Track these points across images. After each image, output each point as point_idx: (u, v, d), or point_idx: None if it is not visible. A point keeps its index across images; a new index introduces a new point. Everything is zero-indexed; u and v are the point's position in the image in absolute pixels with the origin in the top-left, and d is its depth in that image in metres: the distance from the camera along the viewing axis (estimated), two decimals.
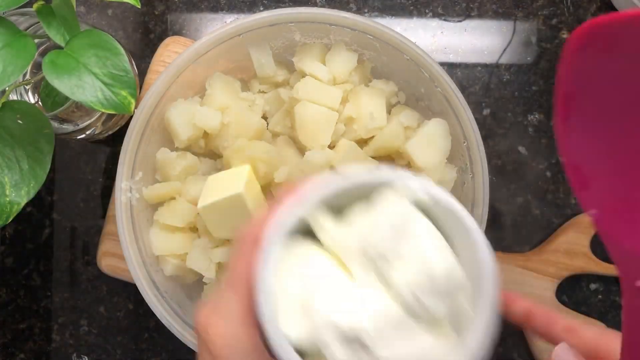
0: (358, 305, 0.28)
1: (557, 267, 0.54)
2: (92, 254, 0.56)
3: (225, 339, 0.29)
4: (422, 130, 0.46)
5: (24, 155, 0.40)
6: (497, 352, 0.56)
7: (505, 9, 0.58)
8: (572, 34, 0.21)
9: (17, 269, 0.56)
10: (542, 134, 0.57)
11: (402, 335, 0.28)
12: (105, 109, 0.38)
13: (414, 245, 0.28)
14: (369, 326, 0.27)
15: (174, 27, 0.58)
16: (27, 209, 0.56)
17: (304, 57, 0.47)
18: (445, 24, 0.58)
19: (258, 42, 0.47)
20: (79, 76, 0.38)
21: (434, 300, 0.28)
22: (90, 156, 0.57)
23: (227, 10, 0.58)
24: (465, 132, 0.45)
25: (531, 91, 0.57)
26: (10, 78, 0.37)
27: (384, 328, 0.27)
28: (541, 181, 0.56)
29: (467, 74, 0.57)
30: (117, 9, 0.58)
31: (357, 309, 0.27)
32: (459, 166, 0.46)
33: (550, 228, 0.56)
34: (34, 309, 0.56)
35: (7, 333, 0.56)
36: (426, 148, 0.46)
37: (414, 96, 0.48)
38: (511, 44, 0.58)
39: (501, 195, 0.56)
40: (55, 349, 0.56)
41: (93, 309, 0.56)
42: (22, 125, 0.39)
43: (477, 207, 0.44)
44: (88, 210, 0.56)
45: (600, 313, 0.55)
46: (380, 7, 0.58)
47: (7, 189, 0.39)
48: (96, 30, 0.40)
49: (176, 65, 0.44)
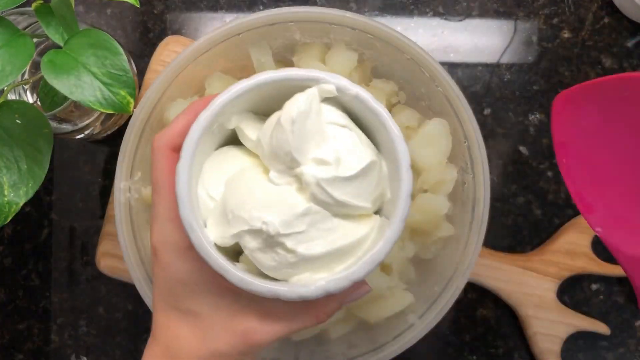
0: (267, 202, 0.29)
1: (559, 268, 0.54)
2: (91, 254, 0.56)
3: (159, 238, 0.32)
4: (422, 130, 0.46)
5: (23, 155, 0.40)
6: (498, 352, 0.55)
7: (506, 8, 0.58)
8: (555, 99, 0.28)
9: (16, 269, 0.56)
10: (543, 133, 0.56)
11: (317, 227, 0.29)
12: (104, 109, 0.38)
13: (319, 139, 0.30)
14: (276, 220, 0.28)
15: (173, 27, 0.58)
16: (25, 209, 0.56)
17: (304, 57, 0.47)
18: (446, 23, 0.58)
19: (258, 41, 0.47)
20: (78, 76, 0.38)
21: (341, 190, 0.29)
22: (89, 156, 0.57)
23: (226, 9, 0.58)
24: (466, 131, 0.44)
25: (532, 91, 0.57)
26: (8, 77, 0.37)
27: (294, 222, 0.29)
28: (542, 181, 0.56)
29: (468, 73, 0.57)
30: (116, 8, 0.58)
31: (267, 205, 0.29)
32: (459, 166, 0.46)
33: (552, 228, 0.56)
34: (33, 310, 0.56)
35: (5, 334, 0.56)
36: (427, 148, 0.46)
37: (414, 96, 0.48)
38: (512, 43, 0.57)
39: (502, 195, 0.56)
40: (54, 350, 0.56)
41: (92, 309, 0.56)
42: (20, 125, 0.39)
43: (478, 207, 0.44)
44: (87, 210, 0.56)
45: (601, 314, 0.55)
46: (380, 6, 0.58)
47: (5, 189, 0.39)
48: (95, 30, 0.39)
49: (175, 64, 0.44)
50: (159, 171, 0.32)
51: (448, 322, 0.55)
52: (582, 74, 0.57)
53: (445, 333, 0.56)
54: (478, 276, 0.54)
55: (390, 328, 0.44)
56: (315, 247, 0.29)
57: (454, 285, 0.43)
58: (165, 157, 0.32)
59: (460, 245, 0.44)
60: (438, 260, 0.47)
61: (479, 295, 0.55)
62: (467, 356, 0.56)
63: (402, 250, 0.46)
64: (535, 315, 0.53)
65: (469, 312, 0.56)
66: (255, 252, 0.29)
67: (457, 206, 0.46)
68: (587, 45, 0.57)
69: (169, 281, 0.32)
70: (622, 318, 0.55)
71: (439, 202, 0.45)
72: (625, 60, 0.57)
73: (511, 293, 0.54)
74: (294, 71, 0.31)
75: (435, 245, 0.47)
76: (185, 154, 0.30)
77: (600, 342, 0.55)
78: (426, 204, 0.45)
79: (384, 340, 0.44)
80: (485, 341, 0.56)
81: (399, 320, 0.45)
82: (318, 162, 0.29)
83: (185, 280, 0.31)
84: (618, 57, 0.57)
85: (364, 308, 0.45)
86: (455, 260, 0.44)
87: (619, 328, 0.55)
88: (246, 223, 0.29)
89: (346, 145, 0.30)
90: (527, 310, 0.53)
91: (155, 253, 0.32)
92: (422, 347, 0.55)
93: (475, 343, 0.56)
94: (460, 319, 0.56)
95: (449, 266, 0.45)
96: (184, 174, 0.30)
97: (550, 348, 0.53)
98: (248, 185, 0.30)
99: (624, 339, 0.55)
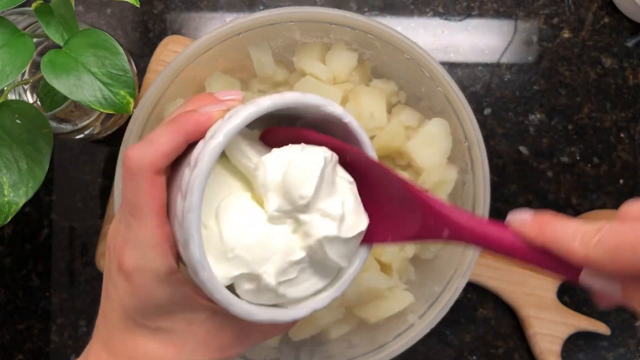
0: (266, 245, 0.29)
1: None
2: (90, 255, 0.56)
3: (136, 264, 0.30)
4: (422, 130, 0.46)
5: (23, 155, 0.39)
6: (498, 352, 0.55)
7: (506, 8, 0.58)
8: None
9: (16, 269, 0.56)
10: (543, 133, 0.56)
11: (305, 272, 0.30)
12: (104, 109, 0.38)
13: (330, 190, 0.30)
14: (272, 270, 0.29)
15: (173, 26, 0.57)
16: (25, 209, 0.56)
17: (304, 57, 0.47)
18: (446, 23, 0.58)
19: (258, 41, 0.47)
20: (78, 76, 0.38)
21: (334, 250, 0.30)
22: (89, 156, 0.57)
23: (226, 9, 0.58)
24: (466, 131, 0.44)
25: (532, 91, 0.57)
26: (8, 77, 0.37)
27: (288, 270, 0.29)
28: (542, 181, 0.56)
29: (468, 73, 0.57)
30: (116, 8, 0.58)
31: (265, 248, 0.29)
32: (459, 166, 0.46)
33: None
34: (33, 310, 0.56)
35: (5, 334, 0.56)
36: (427, 148, 0.46)
37: (414, 96, 0.48)
38: (512, 43, 0.57)
39: (502, 195, 0.56)
40: (54, 350, 0.56)
41: (92, 309, 0.56)
42: (20, 125, 0.39)
43: (478, 207, 0.44)
44: (87, 210, 0.56)
45: (601, 314, 0.55)
46: (380, 6, 0.58)
47: (5, 189, 0.39)
48: (95, 30, 0.39)
49: (175, 64, 0.44)
50: (140, 195, 0.29)
51: (448, 322, 0.55)
52: (582, 73, 0.57)
53: (445, 333, 0.56)
54: (478, 276, 0.54)
55: (390, 328, 0.44)
56: (303, 290, 0.31)
57: (454, 285, 0.43)
58: (148, 181, 0.29)
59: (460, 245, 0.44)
60: (438, 260, 0.47)
61: (479, 295, 0.55)
62: (467, 356, 0.56)
63: (402, 250, 0.46)
64: (536, 316, 0.53)
65: (469, 312, 0.56)
66: (247, 293, 0.30)
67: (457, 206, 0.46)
68: (587, 45, 0.57)
69: (143, 305, 0.30)
70: (622, 318, 0.55)
71: None
72: (625, 60, 0.57)
73: (511, 293, 0.54)
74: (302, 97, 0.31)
75: (435, 245, 0.47)
76: (196, 191, 0.28)
77: (600, 342, 0.55)
78: None
79: (384, 340, 0.44)
80: (485, 341, 0.56)
81: (399, 320, 0.45)
82: (323, 214, 0.29)
83: (162, 304, 0.30)
84: (618, 57, 0.57)
85: (364, 308, 0.45)
86: (455, 260, 0.44)
87: (619, 328, 0.55)
88: (247, 266, 0.29)
89: (350, 204, 0.30)
90: (527, 310, 0.53)
91: (129, 279, 0.30)
92: (422, 347, 0.55)
93: (475, 343, 0.56)
94: (460, 319, 0.56)
95: (449, 266, 0.45)
96: (196, 212, 0.28)
97: (550, 348, 0.53)
98: (244, 221, 0.30)
99: (624, 339, 0.55)
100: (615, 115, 0.57)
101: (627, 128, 0.57)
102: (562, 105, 0.57)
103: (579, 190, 0.57)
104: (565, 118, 0.57)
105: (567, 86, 0.57)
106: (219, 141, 0.29)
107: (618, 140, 0.57)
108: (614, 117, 0.57)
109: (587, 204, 0.56)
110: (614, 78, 0.57)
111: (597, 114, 0.57)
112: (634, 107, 0.57)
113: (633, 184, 0.57)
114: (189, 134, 0.30)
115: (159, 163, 0.29)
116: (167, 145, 0.29)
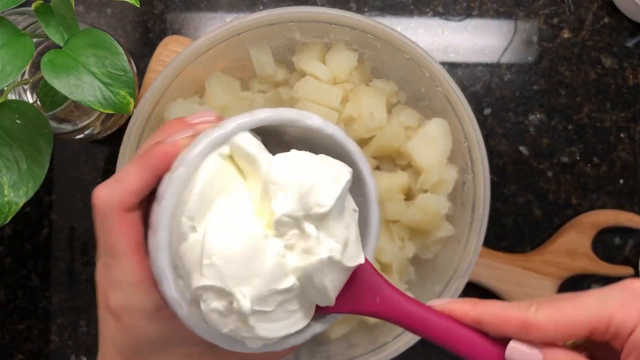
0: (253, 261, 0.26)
1: (559, 268, 0.54)
2: (90, 255, 0.56)
3: (123, 305, 0.29)
4: (422, 130, 0.46)
5: (23, 155, 0.39)
6: None
7: (506, 8, 0.58)
8: None
9: (16, 269, 0.56)
10: (543, 133, 0.56)
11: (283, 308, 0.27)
12: (104, 109, 0.38)
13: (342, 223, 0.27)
14: (249, 294, 0.25)
15: (173, 27, 0.57)
16: (25, 209, 0.56)
17: (304, 57, 0.47)
18: (446, 23, 0.58)
19: (258, 41, 0.47)
20: (78, 76, 0.38)
21: (329, 278, 0.27)
22: (89, 156, 0.57)
23: (226, 9, 0.58)
24: (466, 131, 0.44)
25: (532, 91, 0.57)
26: (8, 77, 0.37)
27: (268, 299, 0.26)
28: (542, 181, 0.56)
29: (468, 73, 0.57)
30: (116, 8, 0.58)
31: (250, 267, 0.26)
32: (459, 166, 0.46)
33: (552, 228, 0.56)
34: (33, 310, 0.56)
35: (5, 334, 0.56)
36: (427, 148, 0.46)
37: (414, 96, 0.48)
38: (512, 43, 0.57)
39: (502, 195, 0.56)
40: (54, 350, 0.56)
41: (92, 309, 0.56)
42: (20, 125, 0.39)
43: (478, 207, 0.44)
44: (87, 210, 0.56)
45: None
46: (380, 6, 0.58)
47: (5, 189, 0.39)
48: (95, 30, 0.39)
49: (175, 64, 0.44)
50: (114, 235, 0.28)
51: None
52: (582, 74, 0.57)
53: None
54: (478, 276, 0.54)
55: (390, 328, 0.44)
56: (274, 331, 0.27)
57: (454, 285, 0.43)
58: (118, 220, 0.28)
59: (460, 245, 0.44)
60: (438, 260, 0.47)
61: (479, 295, 0.55)
62: None
63: (402, 250, 0.46)
64: None
65: None
66: (212, 312, 0.26)
67: (457, 206, 0.46)
68: (587, 45, 0.57)
69: (135, 342, 0.30)
70: None
71: (439, 202, 0.45)
72: (625, 60, 0.57)
73: (511, 293, 0.54)
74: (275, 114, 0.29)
75: (435, 245, 0.47)
76: (162, 227, 0.26)
77: None
78: (426, 204, 0.45)
79: (384, 340, 0.44)
80: None
81: None
82: (329, 234, 0.27)
83: (154, 340, 0.30)
84: (618, 57, 0.57)
85: None
86: (455, 260, 0.44)
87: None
88: (220, 280, 0.25)
89: (353, 233, 0.28)
90: None
91: (119, 319, 0.29)
92: (422, 347, 0.55)
93: None
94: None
95: (449, 266, 0.45)
96: (164, 250, 0.26)
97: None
98: (233, 227, 0.26)
99: None
100: (615, 115, 0.57)
101: (627, 128, 0.57)
102: (562, 105, 0.57)
103: (579, 190, 0.57)
104: (565, 118, 0.57)
105: (567, 86, 0.57)
106: (181, 172, 0.27)
107: (618, 140, 0.57)
108: (614, 117, 0.57)
109: (587, 204, 0.56)
110: (614, 78, 0.57)
111: (597, 114, 0.57)
112: (634, 107, 0.57)
113: (633, 184, 0.57)
114: (157, 168, 0.29)
115: (127, 201, 0.28)
116: (134, 183, 0.28)
